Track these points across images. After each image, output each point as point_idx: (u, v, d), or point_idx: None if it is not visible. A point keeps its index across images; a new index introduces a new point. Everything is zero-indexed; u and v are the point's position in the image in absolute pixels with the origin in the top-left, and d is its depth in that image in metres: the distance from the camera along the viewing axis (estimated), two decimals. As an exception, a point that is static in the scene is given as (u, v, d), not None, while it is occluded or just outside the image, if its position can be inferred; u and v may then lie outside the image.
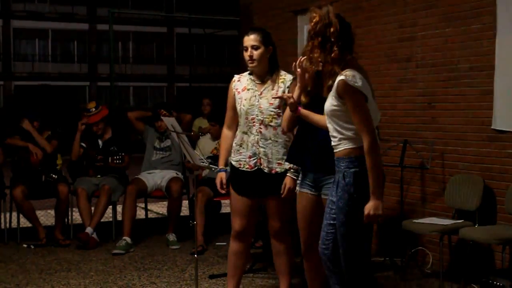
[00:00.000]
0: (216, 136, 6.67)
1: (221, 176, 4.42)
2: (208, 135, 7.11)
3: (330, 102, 3.45)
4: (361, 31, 6.38)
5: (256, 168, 4.31)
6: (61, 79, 30.92)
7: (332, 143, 3.51)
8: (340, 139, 3.45)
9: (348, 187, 3.40)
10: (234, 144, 4.41)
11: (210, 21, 19.47)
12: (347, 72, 3.38)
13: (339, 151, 3.46)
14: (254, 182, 4.35)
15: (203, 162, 4.37)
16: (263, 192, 4.37)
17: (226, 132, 4.49)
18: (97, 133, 6.93)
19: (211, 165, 4.76)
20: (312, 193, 3.95)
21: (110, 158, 6.75)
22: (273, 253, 4.57)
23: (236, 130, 4.44)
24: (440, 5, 5.58)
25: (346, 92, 3.36)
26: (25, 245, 6.61)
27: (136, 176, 6.93)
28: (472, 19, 5.30)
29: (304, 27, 7.38)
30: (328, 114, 3.49)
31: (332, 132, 3.50)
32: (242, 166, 4.35)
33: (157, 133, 7.05)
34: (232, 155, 4.42)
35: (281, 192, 4.29)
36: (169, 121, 4.52)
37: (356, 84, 3.35)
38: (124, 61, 31.60)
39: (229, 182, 4.45)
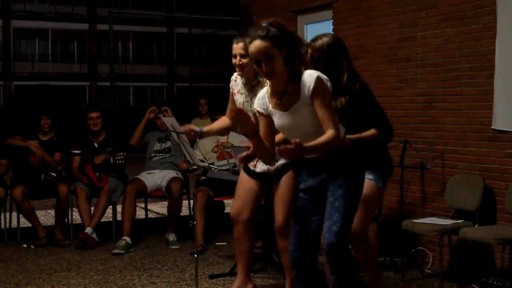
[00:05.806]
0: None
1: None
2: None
3: (309, 107, 3.28)
4: (361, 31, 6.40)
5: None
6: (61, 79, 30.94)
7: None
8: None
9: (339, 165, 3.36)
10: None
11: (210, 21, 19.47)
12: (311, 70, 3.29)
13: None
14: (261, 176, 4.51)
15: (203, 162, 4.36)
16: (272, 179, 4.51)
17: (225, 118, 4.68)
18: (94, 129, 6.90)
19: (211, 165, 4.75)
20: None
21: (112, 158, 6.75)
22: (280, 250, 4.53)
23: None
24: (440, 5, 5.58)
25: (322, 88, 3.24)
26: (25, 245, 6.60)
27: (136, 176, 6.93)
28: (472, 19, 5.30)
29: (305, 27, 7.39)
30: (314, 121, 3.30)
31: (317, 135, 3.29)
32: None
33: (159, 133, 7.02)
34: None
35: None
36: (169, 121, 4.51)
37: (325, 78, 3.28)
38: (124, 61, 31.61)
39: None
